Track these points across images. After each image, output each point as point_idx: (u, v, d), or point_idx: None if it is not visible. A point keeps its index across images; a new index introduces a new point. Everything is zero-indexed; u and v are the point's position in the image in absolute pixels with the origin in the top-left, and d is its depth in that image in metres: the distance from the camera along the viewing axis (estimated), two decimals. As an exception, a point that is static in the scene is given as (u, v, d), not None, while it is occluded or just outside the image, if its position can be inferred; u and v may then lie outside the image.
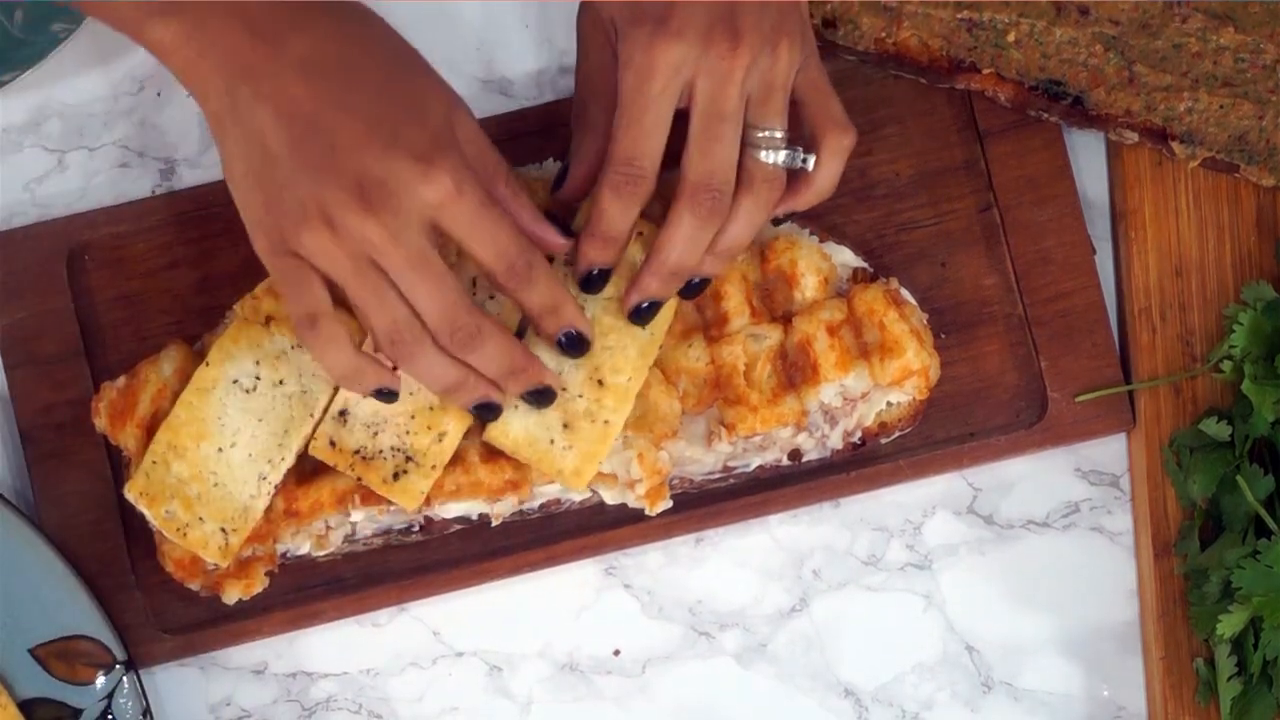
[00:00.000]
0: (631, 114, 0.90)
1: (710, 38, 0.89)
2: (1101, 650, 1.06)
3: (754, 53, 0.90)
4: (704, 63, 0.89)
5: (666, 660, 1.06)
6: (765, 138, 0.92)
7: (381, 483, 0.98)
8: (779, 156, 0.92)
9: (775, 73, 0.91)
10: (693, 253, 0.93)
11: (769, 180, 0.93)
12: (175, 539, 0.98)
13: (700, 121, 0.91)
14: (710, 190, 0.91)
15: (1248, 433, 1.02)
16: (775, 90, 0.92)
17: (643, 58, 0.89)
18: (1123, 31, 1.02)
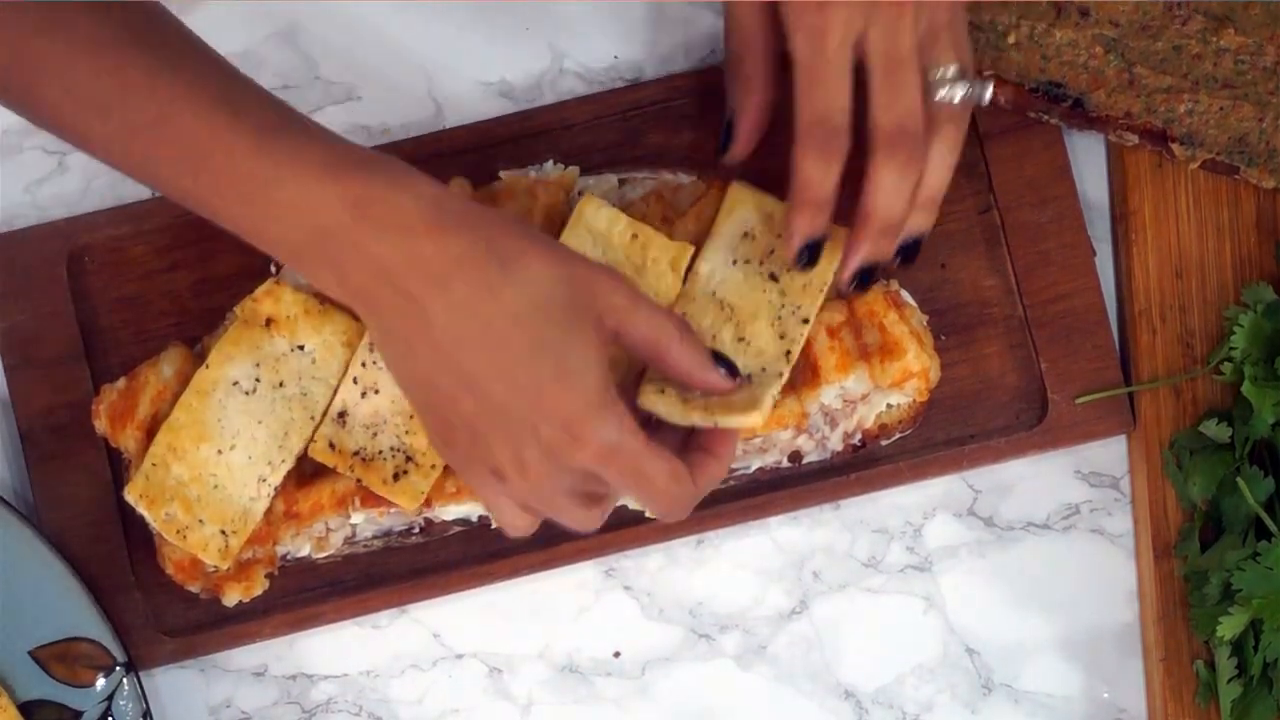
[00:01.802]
0: (814, 74, 0.91)
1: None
2: (1102, 652, 1.06)
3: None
4: (874, 14, 0.90)
5: (666, 662, 1.06)
6: (943, 76, 0.93)
7: (382, 484, 0.98)
8: (959, 91, 0.93)
9: (937, 16, 0.92)
10: (899, 205, 0.94)
11: (954, 118, 0.94)
12: (175, 541, 0.98)
13: (881, 72, 0.91)
14: (904, 139, 0.92)
15: (1248, 434, 1.02)
16: (941, 29, 0.93)
17: (814, 18, 0.90)
18: (1123, 33, 1.02)
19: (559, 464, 0.87)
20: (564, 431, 0.86)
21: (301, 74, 1.06)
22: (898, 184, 0.93)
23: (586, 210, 0.98)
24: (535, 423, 0.85)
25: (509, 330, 0.84)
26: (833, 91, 0.91)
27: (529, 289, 0.85)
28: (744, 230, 0.99)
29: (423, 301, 0.84)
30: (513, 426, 0.86)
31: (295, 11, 1.06)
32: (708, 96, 1.05)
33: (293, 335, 0.98)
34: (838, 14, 0.90)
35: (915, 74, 0.92)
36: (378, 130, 1.06)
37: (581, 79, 1.07)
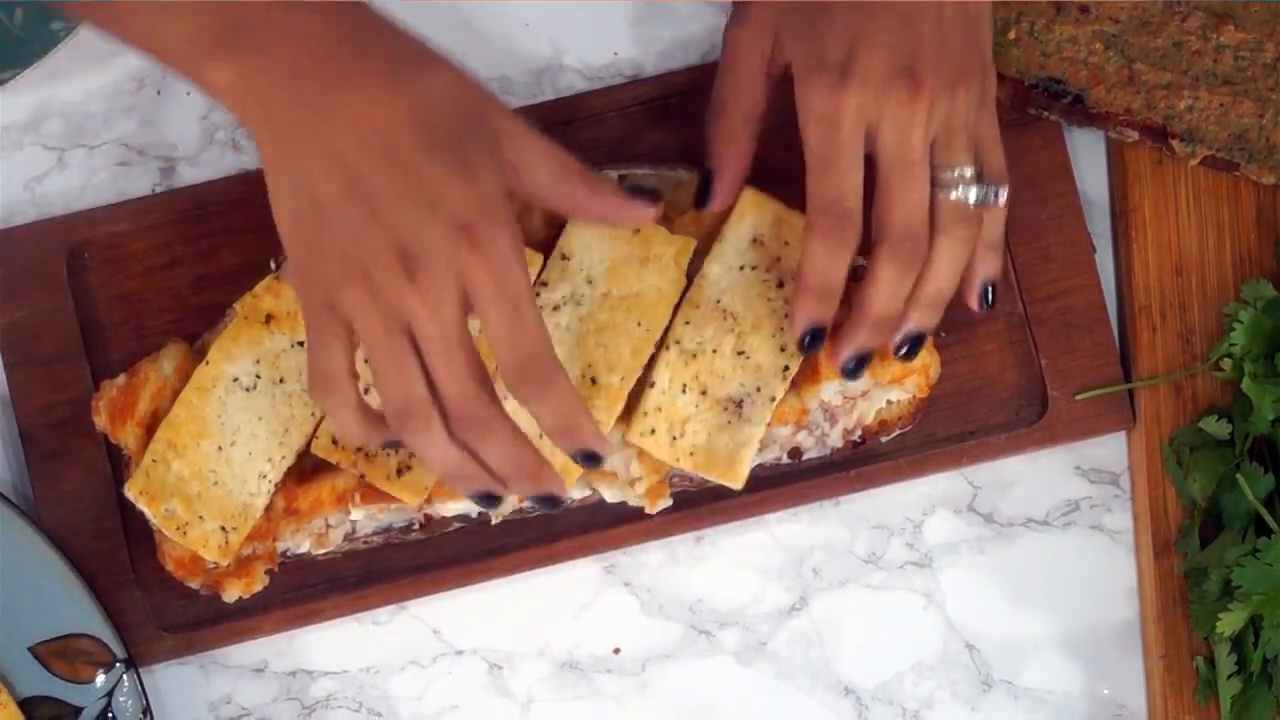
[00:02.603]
0: (826, 159, 0.91)
1: (891, 85, 0.89)
2: (1101, 649, 1.06)
3: (934, 97, 0.90)
4: (886, 110, 0.90)
5: (666, 659, 1.06)
6: (954, 176, 0.92)
7: (385, 479, 0.98)
8: (970, 193, 0.93)
9: (955, 115, 0.91)
10: (895, 302, 0.94)
11: (963, 218, 0.93)
12: (175, 537, 0.98)
13: (889, 170, 0.91)
14: (907, 238, 0.92)
15: (1248, 431, 1.02)
16: (957, 130, 0.92)
17: (826, 105, 0.90)
18: (1123, 29, 1.02)
19: (444, 268, 0.85)
20: (458, 231, 0.85)
21: (301, 70, 1.06)
22: (897, 282, 0.93)
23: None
24: (429, 219, 0.85)
25: (409, 128, 0.85)
26: (844, 178, 0.91)
27: (433, 93, 0.86)
28: (753, 236, 0.99)
29: (325, 99, 0.85)
30: (404, 223, 0.85)
31: (295, 8, 1.06)
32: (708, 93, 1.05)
33: (293, 331, 0.98)
34: (851, 102, 0.90)
35: (924, 171, 0.91)
36: (377, 127, 1.06)
37: (581, 75, 1.07)
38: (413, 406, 0.88)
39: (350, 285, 0.86)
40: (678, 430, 0.98)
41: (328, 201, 0.86)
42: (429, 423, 0.88)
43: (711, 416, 0.98)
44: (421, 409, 0.88)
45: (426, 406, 0.88)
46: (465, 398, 0.88)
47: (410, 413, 0.88)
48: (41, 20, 1.03)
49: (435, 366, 0.87)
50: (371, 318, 0.87)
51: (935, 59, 0.90)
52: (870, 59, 0.89)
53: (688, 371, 0.98)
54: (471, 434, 0.89)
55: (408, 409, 0.88)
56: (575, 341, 0.98)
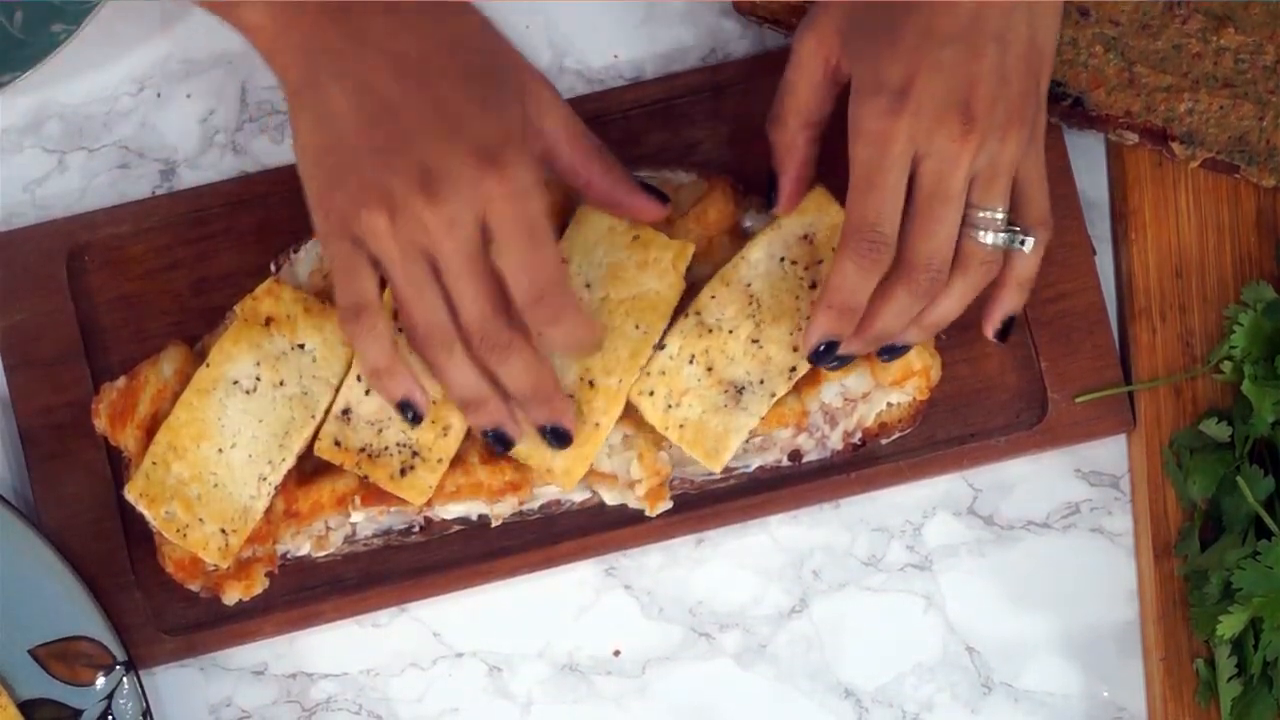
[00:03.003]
0: (871, 181, 0.91)
1: (945, 118, 0.89)
2: (1101, 651, 1.06)
3: (984, 137, 0.90)
4: (934, 142, 0.90)
5: (666, 661, 1.06)
6: (986, 218, 0.92)
7: (389, 479, 0.98)
8: (998, 238, 0.93)
9: (1002, 157, 0.91)
10: (899, 324, 0.94)
11: (986, 261, 0.93)
12: (175, 540, 0.98)
13: (924, 201, 0.91)
14: (929, 270, 0.92)
15: (1248, 433, 1.02)
16: (1000, 173, 0.92)
17: (878, 126, 0.90)
18: (1123, 32, 1.02)
19: (465, 192, 0.87)
20: (481, 157, 0.87)
21: (301, 73, 1.06)
22: (906, 308, 0.93)
23: (588, 214, 0.98)
24: (451, 144, 0.87)
25: (442, 62, 0.88)
26: (884, 203, 0.91)
27: (468, 32, 0.89)
28: (805, 233, 0.99)
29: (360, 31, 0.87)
30: (428, 147, 0.87)
31: (295, 10, 1.06)
32: (708, 95, 1.05)
33: (293, 334, 0.98)
34: (903, 127, 0.90)
35: (958, 208, 0.92)
36: (378, 129, 1.06)
37: (582, 77, 1.07)
38: (435, 329, 0.90)
39: (370, 210, 0.88)
40: (675, 400, 0.98)
41: (354, 129, 0.88)
42: (450, 345, 0.91)
43: (711, 395, 0.98)
44: (443, 331, 0.90)
45: (447, 329, 0.90)
46: (485, 318, 0.90)
47: (432, 335, 0.90)
48: (42, 23, 1.03)
49: (455, 288, 0.89)
50: (391, 241, 0.88)
51: (992, 99, 0.90)
52: (928, 88, 0.89)
53: (700, 344, 0.98)
54: (492, 355, 0.91)
55: (430, 331, 0.90)
56: None
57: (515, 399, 0.94)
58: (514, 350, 0.91)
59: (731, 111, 1.05)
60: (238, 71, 1.06)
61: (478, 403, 0.93)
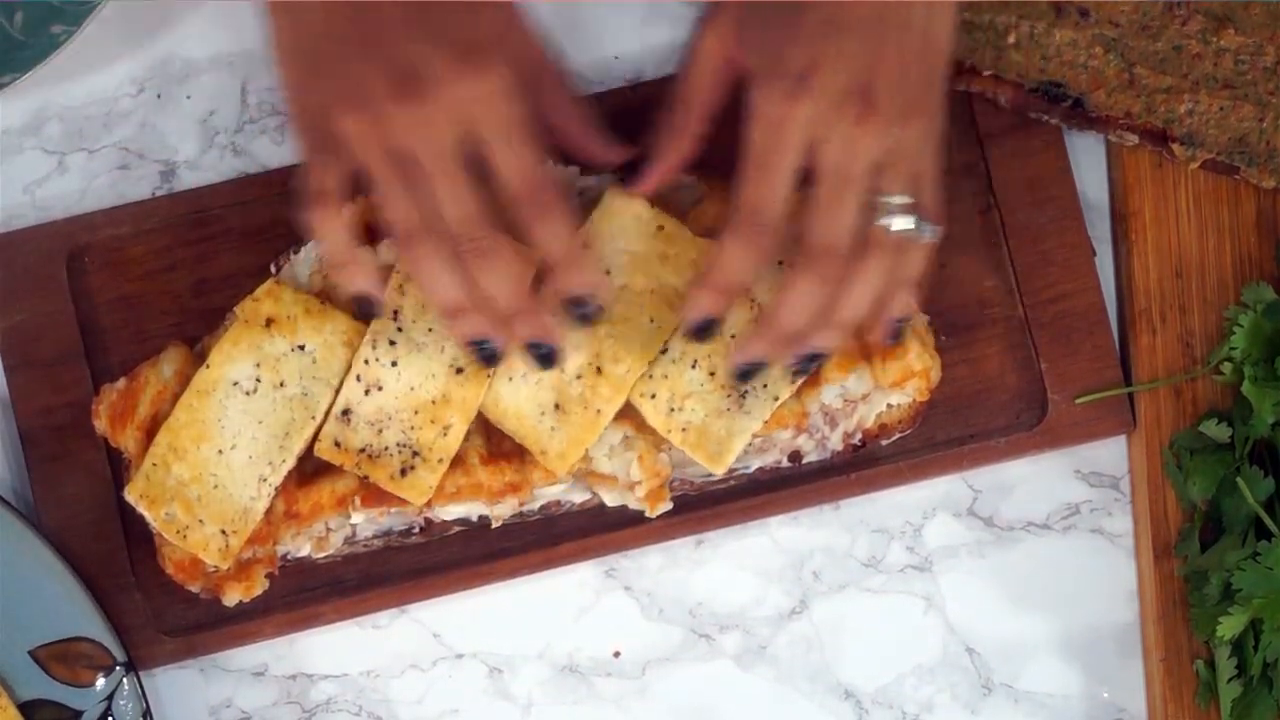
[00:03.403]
0: (761, 163, 0.90)
1: (845, 103, 0.89)
2: (1101, 652, 1.06)
3: (884, 123, 0.89)
4: (835, 127, 0.89)
5: (666, 662, 1.06)
6: (889, 204, 0.92)
7: (389, 479, 0.98)
8: (902, 223, 0.92)
9: (903, 144, 0.91)
10: (804, 317, 0.93)
11: (888, 247, 0.92)
12: (175, 541, 0.98)
13: (825, 185, 0.90)
14: (830, 255, 0.91)
15: (1248, 434, 1.02)
16: (901, 160, 0.91)
17: (776, 111, 0.89)
18: (1123, 33, 1.02)
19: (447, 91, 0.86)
20: (464, 58, 0.86)
21: (301, 74, 1.06)
22: (809, 297, 0.92)
23: (614, 201, 0.98)
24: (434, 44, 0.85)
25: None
26: (777, 185, 0.90)
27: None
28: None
29: None
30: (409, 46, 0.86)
31: (295, 11, 1.06)
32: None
33: (293, 335, 0.98)
34: (802, 112, 0.89)
35: (859, 194, 0.91)
36: (378, 130, 1.06)
37: (582, 77, 1.07)
38: (416, 226, 0.89)
39: (350, 110, 0.87)
40: (677, 403, 0.98)
41: (333, 28, 0.87)
42: (435, 243, 0.89)
43: (714, 399, 0.98)
44: (426, 229, 0.89)
45: (432, 229, 0.89)
46: (469, 218, 0.89)
47: (414, 232, 0.89)
48: (42, 24, 1.03)
49: (437, 189, 0.88)
50: (371, 140, 0.87)
51: (893, 86, 0.89)
52: (829, 75, 0.89)
53: (703, 349, 0.98)
54: (477, 257, 0.90)
55: (411, 228, 0.89)
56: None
57: (498, 309, 0.92)
58: (498, 253, 0.90)
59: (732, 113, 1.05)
60: (238, 72, 1.06)
61: (460, 310, 0.91)
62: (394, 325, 0.97)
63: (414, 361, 0.96)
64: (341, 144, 0.88)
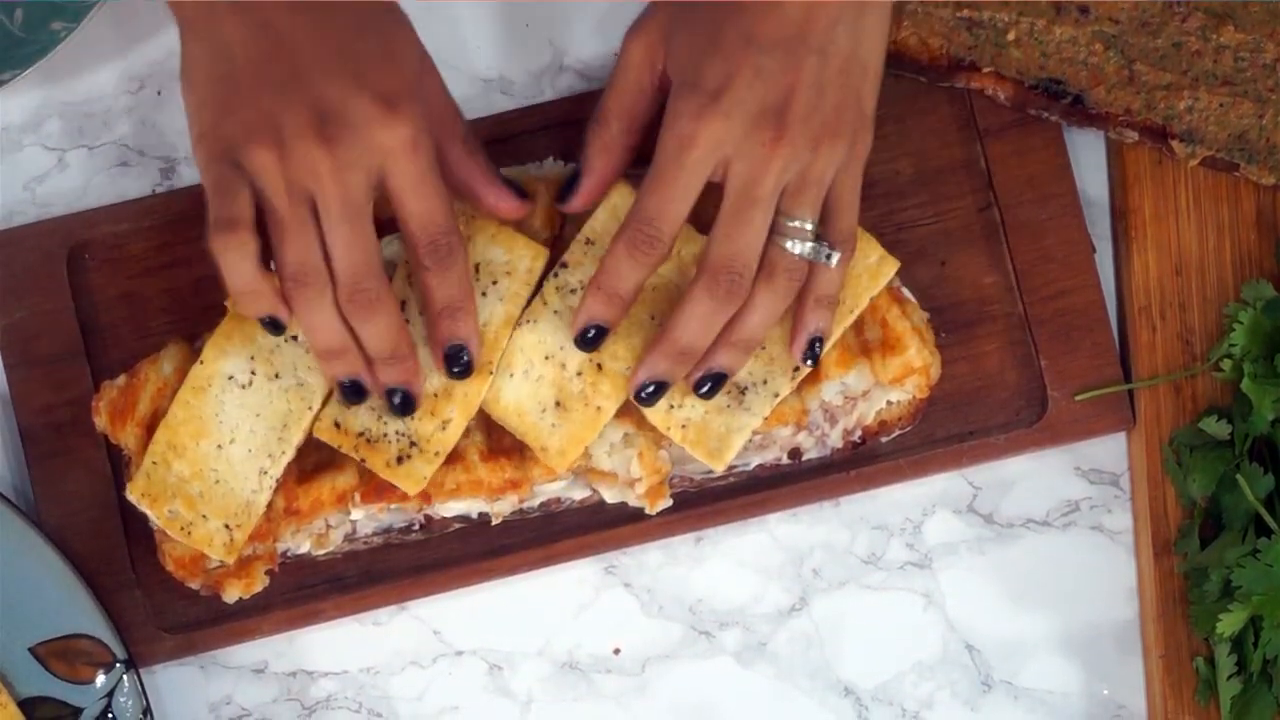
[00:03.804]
0: (664, 176, 0.90)
1: (757, 123, 0.89)
2: (1101, 649, 1.06)
3: (795, 146, 0.90)
4: (745, 146, 0.89)
5: (666, 659, 1.06)
6: (794, 228, 0.92)
7: (385, 466, 0.97)
8: (804, 248, 0.92)
9: (814, 168, 0.91)
10: (703, 336, 0.93)
11: (790, 270, 0.92)
12: (179, 538, 0.98)
13: (731, 204, 0.91)
14: (730, 272, 0.91)
15: (1247, 431, 1.02)
16: (810, 185, 0.91)
17: (687, 125, 0.89)
18: (1122, 30, 1.02)
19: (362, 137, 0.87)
20: (382, 106, 0.87)
21: (301, 71, 1.06)
22: (708, 315, 0.92)
23: (616, 194, 0.98)
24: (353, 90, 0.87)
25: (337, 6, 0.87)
26: (672, 202, 0.91)
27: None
28: None
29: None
30: (328, 86, 0.87)
31: (295, 8, 1.06)
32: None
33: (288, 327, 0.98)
34: (711, 131, 0.89)
35: (764, 215, 0.91)
36: (378, 127, 1.06)
37: (582, 75, 1.07)
38: (308, 270, 0.90)
39: (260, 142, 0.88)
40: (677, 400, 0.98)
41: (250, 62, 0.87)
42: (321, 289, 0.90)
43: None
44: (316, 274, 0.90)
45: (321, 273, 0.90)
46: (358, 269, 0.90)
47: (305, 276, 0.90)
48: (42, 21, 1.03)
49: (334, 234, 0.89)
50: (277, 176, 0.88)
51: (807, 109, 0.89)
52: (743, 92, 0.89)
53: None
54: (359, 308, 0.91)
55: (303, 271, 0.90)
56: None
57: (370, 355, 0.94)
58: (380, 307, 0.91)
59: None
60: (238, 70, 1.06)
61: (338, 351, 0.93)
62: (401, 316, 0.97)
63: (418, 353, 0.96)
64: (249, 174, 0.89)
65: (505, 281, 0.97)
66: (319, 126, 0.87)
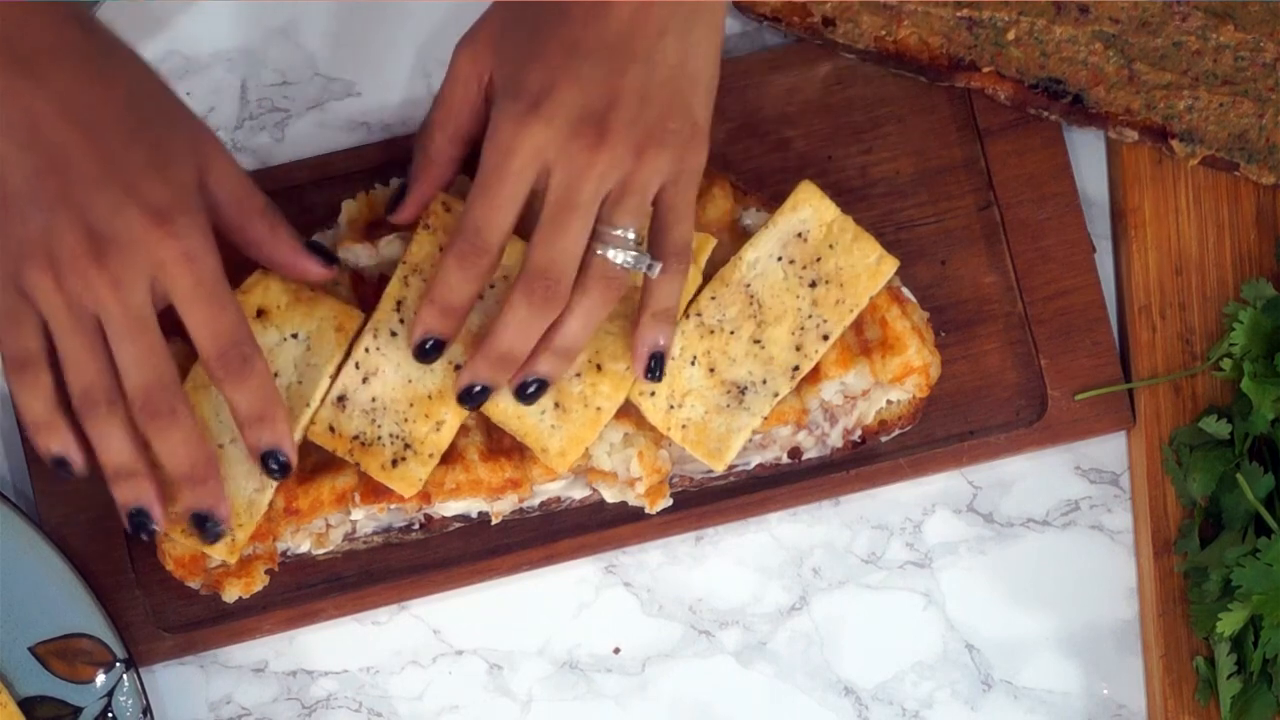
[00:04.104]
0: (487, 186, 0.90)
1: (577, 130, 0.88)
2: (1101, 648, 1.06)
3: (616, 153, 0.89)
4: (565, 152, 0.89)
5: (666, 658, 1.06)
6: (614, 235, 0.91)
7: (380, 469, 0.97)
8: (623, 257, 0.91)
9: (635, 176, 0.90)
10: (521, 341, 0.92)
11: (607, 278, 0.92)
12: (181, 538, 0.97)
13: (549, 210, 0.90)
14: (547, 278, 0.90)
15: (1247, 431, 1.02)
16: (633, 192, 0.90)
17: (508, 133, 0.89)
18: (1122, 29, 1.02)
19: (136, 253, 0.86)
20: (153, 219, 0.86)
21: (301, 70, 1.06)
22: (526, 320, 0.92)
23: None
24: (123, 203, 0.85)
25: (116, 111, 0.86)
26: (496, 210, 0.90)
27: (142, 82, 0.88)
28: (799, 231, 0.99)
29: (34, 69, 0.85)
30: (97, 204, 0.86)
31: (294, 8, 1.06)
32: (708, 93, 1.05)
33: (285, 324, 0.98)
34: (531, 139, 0.89)
35: (583, 222, 0.90)
36: (377, 127, 1.06)
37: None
38: (94, 391, 0.89)
39: (35, 266, 0.87)
40: (677, 400, 0.98)
41: (22, 180, 0.86)
42: (112, 409, 0.89)
43: (713, 396, 0.98)
44: (105, 394, 0.89)
45: (110, 392, 0.89)
46: (149, 383, 0.89)
47: (94, 398, 0.89)
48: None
49: (122, 351, 0.88)
50: (56, 299, 0.87)
51: (630, 117, 0.89)
52: (565, 99, 0.88)
53: (701, 345, 0.98)
54: (152, 422, 0.89)
55: (90, 394, 0.89)
56: None
57: (169, 477, 0.92)
58: (176, 420, 0.90)
59: (731, 109, 1.05)
60: (238, 69, 1.06)
61: (127, 474, 0.91)
62: (396, 317, 0.97)
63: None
64: (30, 299, 0.88)
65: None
66: (91, 245, 0.86)
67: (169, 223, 0.87)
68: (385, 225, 0.98)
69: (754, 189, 1.03)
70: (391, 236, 0.98)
